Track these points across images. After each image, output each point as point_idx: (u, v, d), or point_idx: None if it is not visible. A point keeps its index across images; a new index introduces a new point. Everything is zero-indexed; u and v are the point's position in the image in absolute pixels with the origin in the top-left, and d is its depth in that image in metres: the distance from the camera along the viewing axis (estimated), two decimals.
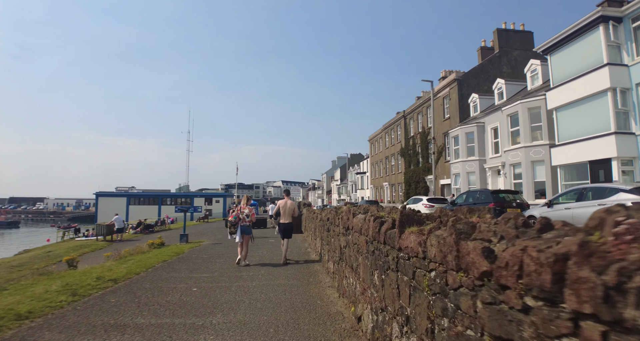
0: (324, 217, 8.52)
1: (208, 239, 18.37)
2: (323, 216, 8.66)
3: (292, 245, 12.86)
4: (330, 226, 7.20)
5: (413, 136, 37.55)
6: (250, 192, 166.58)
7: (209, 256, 11.38)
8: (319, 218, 10.00)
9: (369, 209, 4.58)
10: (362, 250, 3.94)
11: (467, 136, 25.97)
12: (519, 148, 20.08)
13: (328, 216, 7.60)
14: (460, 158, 26.30)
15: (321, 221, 9.19)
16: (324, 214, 8.44)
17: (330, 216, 7.10)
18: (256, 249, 12.16)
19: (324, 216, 8.37)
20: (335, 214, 6.39)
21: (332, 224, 6.89)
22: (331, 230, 6.97)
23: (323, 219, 8.61)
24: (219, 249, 12.98)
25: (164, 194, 61.21)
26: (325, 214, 8.34)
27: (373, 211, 4.15)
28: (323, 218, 8.63)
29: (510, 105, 20.83)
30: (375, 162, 52.19)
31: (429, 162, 33.45)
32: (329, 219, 7.48)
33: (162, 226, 30.35)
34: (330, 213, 7.24)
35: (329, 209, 8.24)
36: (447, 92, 30.93)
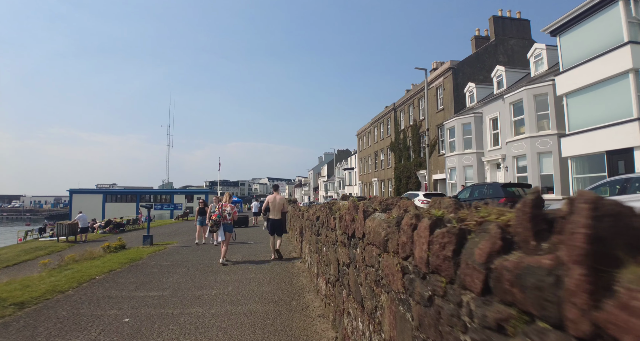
0: (312, 216, 6.54)
1: (179, 240, 16.21)
2: (311, 214, 6.68)
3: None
4: (320, 229, 5.23)
5: (404, 130, 35.80)
6: (235, 189, 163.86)
7: (170, 263, 9.28)
8: (306, 216, 8.01)
9: (392, 204, 2.62)
10: (396, 288, 1.95)
11: (464, 128, 24.27)
12: (523, 139, 18.41)
13: (318, 215, 5.62)
14: (456, 151, 24.60)
15: (309, 221, 7.20)
16: (313, 213, 6.45)
17: (322, 214, 5.13)
18: (229, 255, 10.08)
19: (313, 214, 6.39)
20: (329, 212, 4.42)
21: (323, 226, 4.92)
22: (322, 234, 5.00)
23: (311, 219, 6.62)
24: (185, 254, 10.88)
25: (143, 191, 58.29)
26: (313, 212, 6.35)
27: (406, 206, 2.21)
28: (311, 217, 6.64)
29: (513, 92, 19.14)
30: (364, 158, 50.40)
31: (421, 157, 31.77)
32: (318, 218, 5.50)
33: (135, 224, 27.97)
34: (322, 210, 5.26)
35: (319, 206, 6.32)
36: (441, 82, 29.21)
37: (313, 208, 7.28)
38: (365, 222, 2.61)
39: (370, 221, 2.49)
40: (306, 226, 7.96)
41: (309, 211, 7.85)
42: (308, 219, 7.39)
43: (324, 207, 5.38)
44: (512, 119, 19.33)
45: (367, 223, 2.55)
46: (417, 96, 33.48)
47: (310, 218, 6.88)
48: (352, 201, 3.22)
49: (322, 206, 5.75)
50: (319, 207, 6.27)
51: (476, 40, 31.47)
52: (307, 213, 7.83)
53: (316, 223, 5.79)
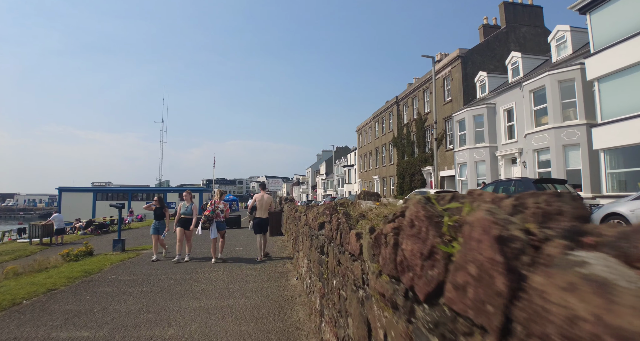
0: (312, 222, 4.65)
1: None
2: (310, 219, 4.78)
3: (264, 261, 9.04)
4: (327, 246, 3.33)
5: (407, 124, 33.90)
6: (232, 187, 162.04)
7: (133, 278, 7.36)
8: (304, 220, 6.12)
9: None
10: None
11: (475, 120, 22.39)
12: (546, 130, 16.52)
13: (322, 220, 3.71)
14: (466, 145, 22.72)
15: (308, 228, 5.29)
16: (313, 217, 4.55)
17: (329, 222, 3.23)
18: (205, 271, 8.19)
19: (313, 220, 4.48)
20: (346, 220, 2.54)
21: (333, 244, 3.02)
22: (331, 257, 3.09)
23: (311, 226, 4.72)
24: (156, 265, 8.95)
25: (135, 189, 56.32)
26: (314, 217, 4.45)
27: None
28: (311, 222, 4.75)
29: (534, 79, 17.25)
30: (364, 155, 48.50)
31: (427, 152, 29.89)
32: (323, 226, 3.61)
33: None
34: (329, 214, 3.35)
35: (322, 207, 4.44)
36: (449, 72, 27.30)
37: (313, 210, 5.36)
38: None
39: None
40: (304, 233, 6.07)
41: (307, 213, 5.95)
42: (307, 225, 5.49)
43: (331, 209, 3.48)
44: (533, 109, 17.44)
45: None
46: (421, 87, 31.58)
47: (309, 224, 4.97)
48: (422, 201, 1.27)
49: (328, 208, 3.83)
50: (323, 208, 4.35)
51: (484, 29, 29.56)
52: (306, 216, 5.93)
53: (319, 233, 3.88)
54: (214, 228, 8.90)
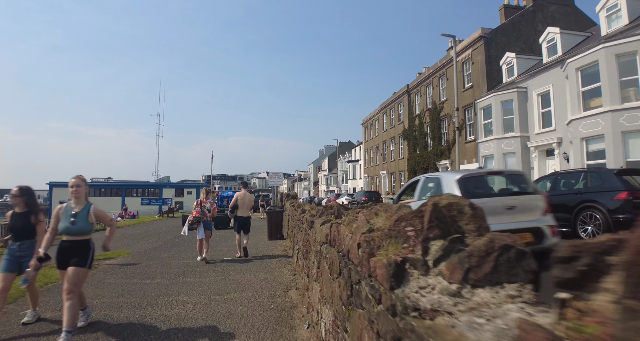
0: (337, 235, 1.99)
1: (139, 248, 11.77)
2: (323, 231, 2.14)
3: (264, 281, 6.40)
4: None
5: (420, 114, 31.16)
6: (234, 183, 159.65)
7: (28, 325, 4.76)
8: (313, 226, 3.52)
9: None
10: None
11: (503, 106, 19.67)
12: (599, 114, 13.82)
13: (358, 242, 1.07)
14: (493, 135, 20.02)
15: (336, 252, 2.64)
16: (361, 240, 1.86)
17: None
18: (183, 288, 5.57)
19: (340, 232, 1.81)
20: None
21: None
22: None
23: (331, 238, 2.07)
24: (103, 288, 6.33)
25: (129, 184, 53.71)
26: (349, 233, 1.79)
27: None
28: (318, 232, 2.10)
29: (582, 54, 14.52)
30: (370, 149, 45.78)
31: (442, 145, 27.19)
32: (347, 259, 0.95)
33: None
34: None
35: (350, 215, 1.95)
36: (469, 55, 24.54)
37: (323, 212, 2.77)
38: None
39: None
40: (313, 248, 3.52)
41: (319, 214, 3.62)
42: (322, 244, 2.93)
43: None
44: (580, 90, 14.72)
45: None
46: (436, 74, 28.82)
47: (325, 240, 2.35)
48: None
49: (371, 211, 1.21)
50: (368, 211, 1.76)
51: (506, 10, 26.80)
52: (315, 224, 3.39)
53: (348, 263, 1.26)
54: (201, 227, 8.64)
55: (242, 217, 9.28)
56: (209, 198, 9.03)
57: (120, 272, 7.68)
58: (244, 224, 9.27)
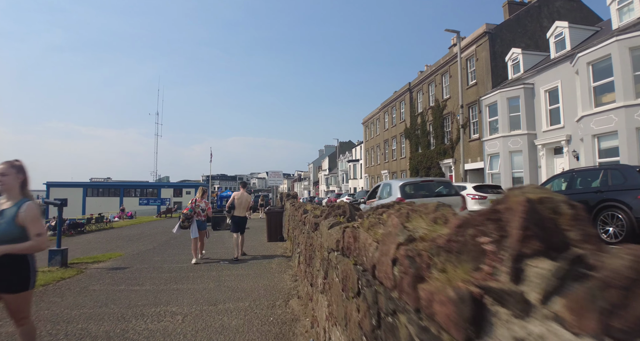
0: (346, 240, 1.41)
1: (131, 250, 11.22)
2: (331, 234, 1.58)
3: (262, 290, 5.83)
4: None
5: (422, 113, 30.60)
6: (233, 183, 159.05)
7: None
8: (318, 229, 2.95)
9: None
10: None
11: (510, 103, 19.12)
12: (612, 110, 13.27)
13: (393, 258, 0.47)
14: (499, 133, 19.46)
15: (339, 257, 2.09)
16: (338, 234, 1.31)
17: None
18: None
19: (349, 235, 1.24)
20: None
21: None
22: None
23: (340, 246, 1.52)
24: (82, 299, 5.76)
25: (127, 184, 53.13)
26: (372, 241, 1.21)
27: None
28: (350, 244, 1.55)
29: (594, 48, 13.98)
30: (371, 148, 45.21)
31: (445, 143, 26.64)
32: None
33: (100, 223, 22.84)
34: None
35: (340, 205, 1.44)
36: (473, 51, 23.98)
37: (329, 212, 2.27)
38: None
39: None
40: (321, 259, 2.98)
41: (322, 221, 3.09)
42: (330, 250, 2.39)
43: None
44: (591, 85, 14.18)
45: None
46: (439, 71, 28.26)
47: (332, 246, 1.80)
48: None
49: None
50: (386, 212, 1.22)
51: (509, 6, 26.23)
52: (321, 226, 2.89)
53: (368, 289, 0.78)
54: (195, 227, 8.44)
55: (240, 217, 9.14)
56: (204, 198, 8.91)
57: (107, 277, 7.12)
58: (241, 224, 9.10)
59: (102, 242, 15.22)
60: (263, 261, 8.31)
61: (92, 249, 12.92)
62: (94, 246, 13.81)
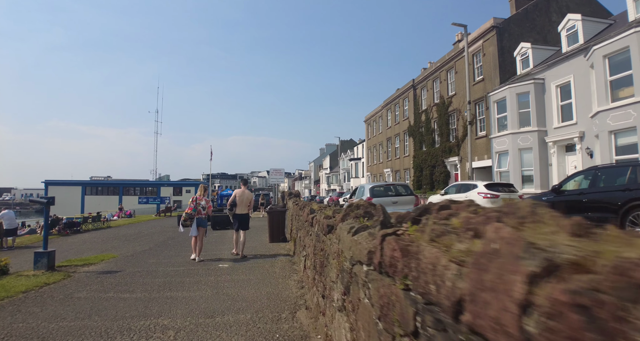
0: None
1: (126, 251, 10.67)
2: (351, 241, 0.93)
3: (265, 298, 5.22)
4: None
5: (426, 110, 29.97)
6: (234, 182, 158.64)
7: None
8: (333, 232, 2.32)
9: None
10: None
11: (519, 99, 18.50)
12: (630, 105, 12.67)
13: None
14: (508, 130, 18.85)
15: (374, 276, 1.48)
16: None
17: None
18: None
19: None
20: None
21: None
22: None
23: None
24: (67, 307, 5.17)
25: (126, 183, 52.55)
26: (450, 263, 0.60)
27: None
28: (396, 260, 0.93)
29: (610, 40, 13.36)
30: (373, 146, 44.58)
31: (451, 141, 26.02)
32: None
33: (97, 222, 22.26)
34: None
35: None
36: (480, 47, 23.35)
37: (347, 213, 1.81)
38: None
39: None
40: (339, 270, 2.38)
41: (339, 224, 2.76)
42: (355, 262, 1.82)
43: None
44: (607, 79, 13.56)
45: None
46: (444, 68, 27.62)
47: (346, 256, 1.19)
48: None
49: None
50: None
51: (516, 1, 25.57)
52: (339, 230, 2.40)
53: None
54: (194, 224, 8.54)
55: (241, 214, 9.14)
56: (205, 195, 8.98)
57: (96, 282, 6.54)
58: (243, 221, 9.09)
59: (97, 242, 14.66)
60: (265, 264, 7.72)
61: (85, 250, 12.37)
62: (89, 247, 13.26)
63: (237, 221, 9.09)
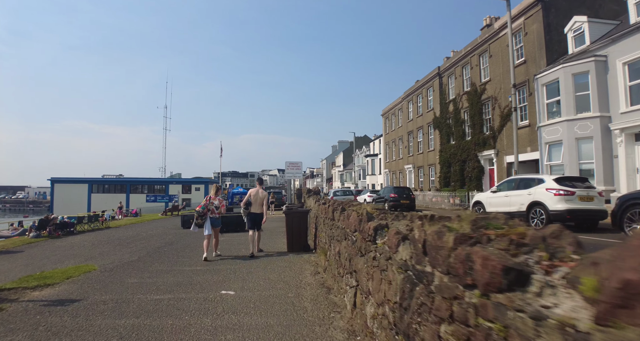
0: None
1: (106, 262, 8.45)
2: None
3: None
4: None
5: (455, 99, 27.28)
6: (245, 180, 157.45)
7: None
8: None
9: None
10: None
11: (575, 80, 15.82)
12: None
13: None
14: (562, 117, 16.17)
15: None
16: None
17: None
18: None
19: None
20: None
21: None
22: None
23: None
24: None
25: (133, 180, 50.78)
26: None
27: None
28: None
29: None
30: (392, 141, 41.94)
31: (485, 133, 23.36)
32: None
33: (95, 222, 20.18)
34: None
35: None
36: (521, 25, 20.63)
37: None
38: None
39: None
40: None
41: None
42: None
43: None
44: None
45: None
46: (476, 52, 24.91)
47: None
48: None
49: None
50: None
51: None
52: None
53: None
54: (208, 224, 8.51)
55: (255, 213, 8.96)
56: (218, 195, 8.90)
57: (31, 324, 4.23)
58: (257, 220, 8.95)
59: (86, 247, 12.51)
60: (288, 293, 5.31)
61: (68, 257, 10.22)
62: (74, 253, 11.12)
63: (251, 221, 8.89)
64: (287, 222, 9.41)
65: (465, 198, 23.72)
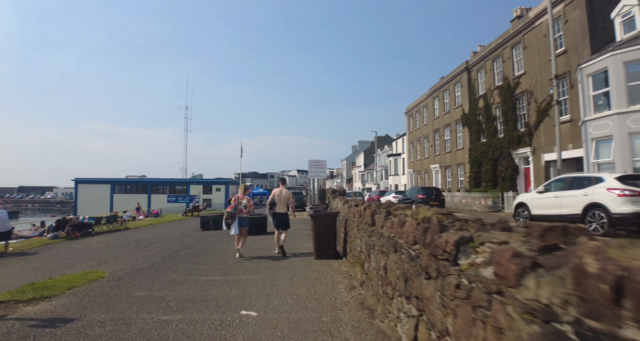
0: None
1: (117, 267, 7.73)
2: None
3: None
4: None
5: (485, 94, 25.81)
6: (264, 181, 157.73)
7: None
8: None
9: None
10: None
11: (627, 69, 14.33)
12: None
13: None
14: (613, 110, 14.69)
15: None
16: None
17: None
18: None
19: None
20: None
21: None
22: None
23: None
24: None
25: (155, 181, 50.88)
26: None
27: None
28: None
29: None
30: (416, 140, 40.53)
31: (519, 129, 21.89)
32: None
33: (113, 223, 19.74)
34: None
35: None
36: (560, 12, 19.13)
37: None
38: None
39: None
40: None
41: None
42: None
43: None
44: None
45: None
46: (508, 43, 23.43)
47: None
48: None
49: None
50: None
51: None
52: None
53: None
54: (236, 224, 8.67)
55: (280, 213, 9.12)
56: (246, 194, 9.07)
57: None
58: (282, 220, 9.11)
59: (100, 250, 11.89)
60: (322, 315, 4.34)
61: (80, 260, 9.61)
62: (88, 255, 10.52)
63: (277, 220, 9.08)
64: (314, 226, 8.45)
65: (498, 199, 22.30)
